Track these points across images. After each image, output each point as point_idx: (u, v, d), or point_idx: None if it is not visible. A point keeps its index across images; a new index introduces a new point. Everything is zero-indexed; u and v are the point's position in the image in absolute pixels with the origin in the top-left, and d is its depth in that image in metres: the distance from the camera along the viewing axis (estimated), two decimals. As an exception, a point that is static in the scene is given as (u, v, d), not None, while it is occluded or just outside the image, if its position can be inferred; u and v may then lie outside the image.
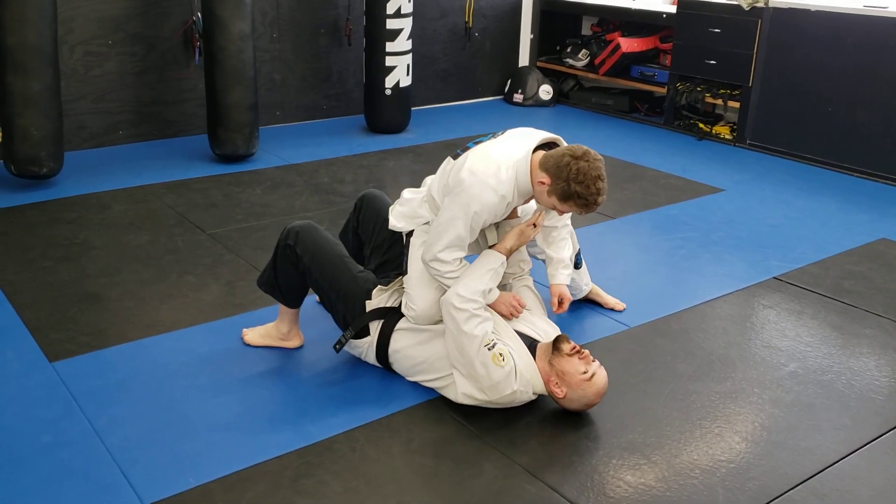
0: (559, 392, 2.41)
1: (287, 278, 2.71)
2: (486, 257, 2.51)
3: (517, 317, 2.58)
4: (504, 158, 2.41)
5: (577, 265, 3.03)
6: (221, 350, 2.82)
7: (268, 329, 2.86)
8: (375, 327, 2.61)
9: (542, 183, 2.37)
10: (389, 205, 2.81)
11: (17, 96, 4.05)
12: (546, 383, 2.44)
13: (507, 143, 2.49)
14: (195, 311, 3.09)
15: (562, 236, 2.75)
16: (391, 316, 2.61)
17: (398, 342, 2.59)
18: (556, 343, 2.43)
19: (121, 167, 4.72)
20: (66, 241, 3.68)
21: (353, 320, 2.62)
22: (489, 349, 2.38)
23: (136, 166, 4.74)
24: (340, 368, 2.73)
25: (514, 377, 2.39)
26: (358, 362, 2.74)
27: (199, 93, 5.32)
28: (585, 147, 2.39)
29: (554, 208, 2.45)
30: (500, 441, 2.36)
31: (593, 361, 2.42)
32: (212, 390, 2.58)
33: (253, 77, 4.72)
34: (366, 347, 2.66)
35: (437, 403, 2.53)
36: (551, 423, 2.47)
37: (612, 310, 3.15)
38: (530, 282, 2.82)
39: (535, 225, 2.53)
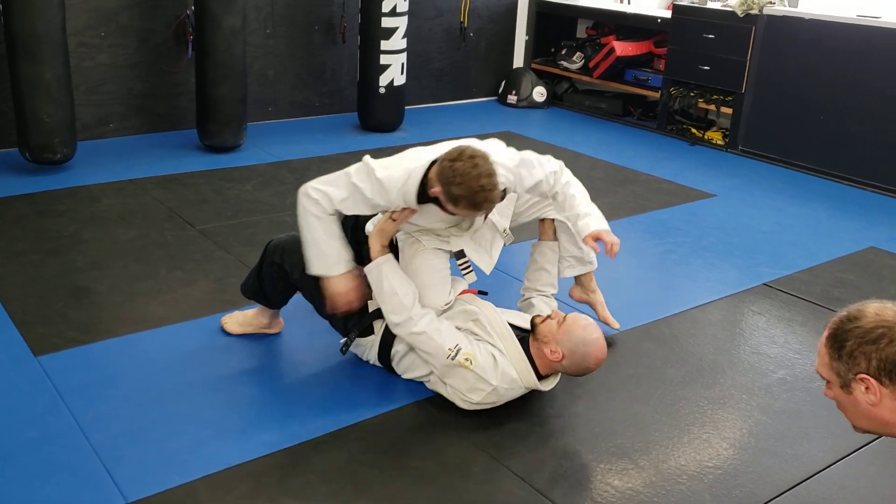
0: (556, 356, 2.38)
1: (273, 289, 2.71)
2: (370, 277, 2.49)
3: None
4: (408, 161, 2.41)
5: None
6: (210, 347, 2.80)
7: (247, 317, 2.86)
8: (380, 326, 2.60)
9: (436, 192, 2.34)
10: None
11: (28, 84, 4.12)
12: (549, 363, 2.41)
13: (426, 150, 2.46)
14: (184, 307, 3.07)
15: (568, 194, 2.54)
16: None
17: (402, 341, 2.56)
18: (532, 322, 2.47)
19: (111, 160, 4.69)
20: (54, 234, 3.65)
21: (354, 325, 2.60)
22: (452, 359, 2.39)
23: (127, 159, 4.71)
24: (329, 369, 2.72)
25: (492, 373, 2.37)
26: (347, 363, 2.73)
27: (191, 87, 5.28)
28: (464, 146, 2.33)
29: (462, 215, 2.43)
30: (489, 444, 2.35)
31: (563, 316, 2.43)
32: (199, 388, 2.56)
33: (243, 72, 4.77)
34: (368, 346, 2.65)
35: (426, 406, 2.52)
36: (540, 426, 2.46)
37: (604, 323, 3.10)
38: (553, 304, 2.85)
39: (393, 219, 2.50)
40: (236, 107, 4.80)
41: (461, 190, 2.26)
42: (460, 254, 2.64)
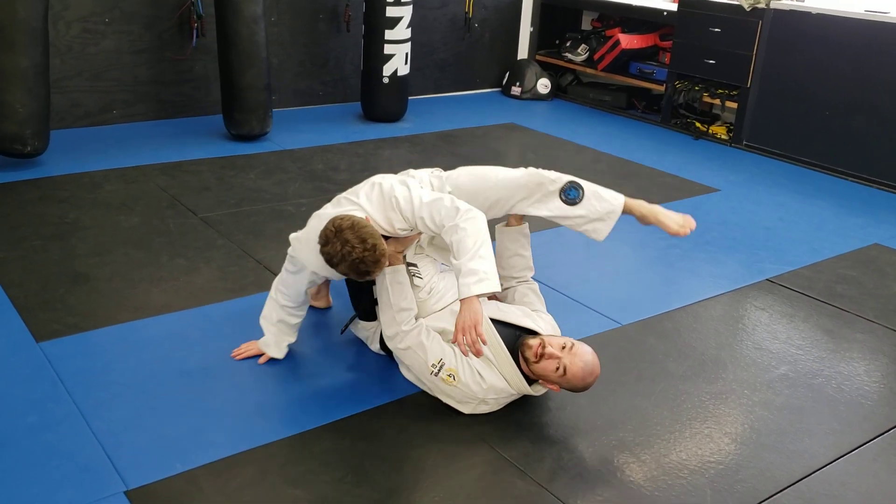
0: (554, 388, 2.40)
1: None
2: (377, 283, 2.50)
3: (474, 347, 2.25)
4: (312, 232, 2.46)
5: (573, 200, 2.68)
6: (211, 335, 2.79)
7: None
8: None
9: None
10: None
11: (3, 72, 3.95)
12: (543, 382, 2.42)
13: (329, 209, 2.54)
14: (186, 294, 3.07)
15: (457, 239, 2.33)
16: None
17: None
18: (522, 352, 2.40)
19: (114, 147, 4.68)
20: (56, 220, 3.64)
21: (358, 305, 2.63)
22: (436, 374, 2.39)
23: (130, 146, 4.70)
24: (331, 358, 2.71)
25: (477, 388, 2.37)
26: (349, 352, 2.73)
27: (195, 74, 5.28)
28: (334, 218, 2.32)
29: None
30: (491, 435, 2.35)
31: (564, 349, 2.33)
32: (200, 375, 2.56)
33: (265, 58, 4.76)
34: (372, 332, 2.66)
35: (428, 396, 2.51)
36: (542, 418, 2.46)
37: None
38: (535, 286, 2.82)
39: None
40: (261, 94, 4.79)
41: (345, 268, 2.29)
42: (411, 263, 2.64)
